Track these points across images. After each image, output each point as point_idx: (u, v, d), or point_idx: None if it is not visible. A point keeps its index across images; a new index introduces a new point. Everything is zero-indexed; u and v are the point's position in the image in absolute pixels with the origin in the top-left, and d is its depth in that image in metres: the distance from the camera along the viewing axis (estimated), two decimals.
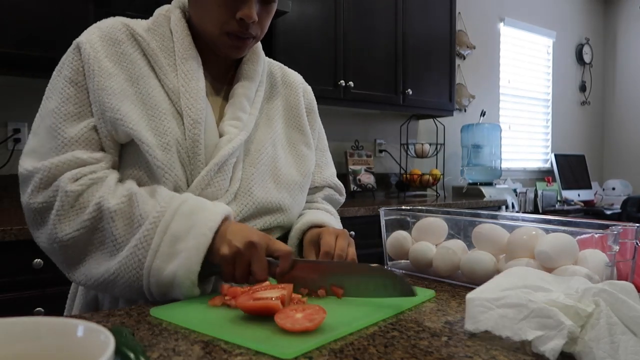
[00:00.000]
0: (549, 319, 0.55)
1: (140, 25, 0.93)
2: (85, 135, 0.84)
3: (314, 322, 0.57)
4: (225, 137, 0.90)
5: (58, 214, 0.80)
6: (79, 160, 0.82)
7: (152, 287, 0.76)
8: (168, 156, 0.84)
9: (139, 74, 0.88)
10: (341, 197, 1.18)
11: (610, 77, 5.47)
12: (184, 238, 0.76)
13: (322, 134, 1.17)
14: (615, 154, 5.39)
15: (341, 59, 2.87)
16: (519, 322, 0.57)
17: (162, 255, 0.75)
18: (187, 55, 0.91)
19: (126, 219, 0.79)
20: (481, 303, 0.62)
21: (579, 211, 4.24)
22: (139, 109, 0.85)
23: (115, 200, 0.80)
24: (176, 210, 0.78)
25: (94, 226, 0.79)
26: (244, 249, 0.76)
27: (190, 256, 0.74)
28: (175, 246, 0.76)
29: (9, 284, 1.65)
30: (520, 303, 0.58)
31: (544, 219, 0.99)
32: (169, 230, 0.76)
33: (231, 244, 0.76)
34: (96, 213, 0.79)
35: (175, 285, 0.75)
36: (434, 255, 0.94)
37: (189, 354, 0.55)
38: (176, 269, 0.74)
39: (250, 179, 0.92)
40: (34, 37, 1.92)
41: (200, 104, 0.88)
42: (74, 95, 0.85)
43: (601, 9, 5.50)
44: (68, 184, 0.80)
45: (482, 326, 0.60)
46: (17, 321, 0.39)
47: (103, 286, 0.80)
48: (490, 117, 4.28)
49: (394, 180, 3.64)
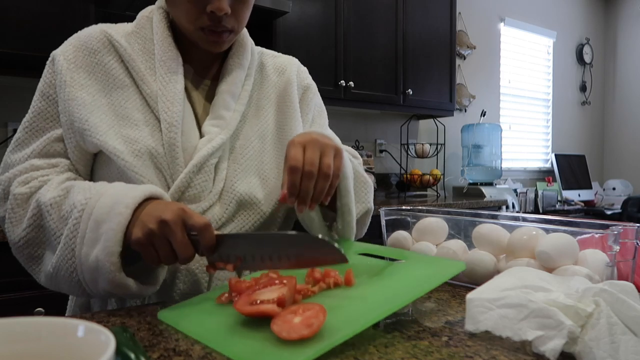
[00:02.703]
0: (549, 319, 0.55)
1: (122, 30, 0.93)
2: (47, 148, 0.86)
3: (312, 328, 0.55)
4: (205, 137, 0.89)
5: (9, 218, 0.81)
6: (33, 167, 0.84)
7: (85, 276, 0.74)
8: (140, 162, 0.83)
9: (113, 84, 0.88)
10: (355, 159, 1.02)
11: (611, 77, 5.47)
12: (105, 220, 0.72)
13: (321, 111, 1.10)
14: (616, 154, 5.39)
15: (341, 59, 2.87)
16: (519, 322, 0.57)
17: (88, 241, 0.72)
18: (166, 57, 0.90)
19: (60, 210, 0.77)
20: (481, 303, 0.62)
21: (580, 211, 4.24)
22: (110, 119, 0.86)
23: (52, 193, 0.78)
24: (102, 194, 0.75)
25: (37, 223, 0.79)
26: (157, 229, 0.69)
27: (108, 237, 0.70)
28: (99, 230, 0.72)
29: (9, 284, 1.65)
30: (521, 303, 0.58)
31: (544, 219, 0.99)
32: (93, 215, 0.73)
33: (144, 225, 0.70)
34: (37, 210, 0.79)
35: (100, 271, 0.71)
36: (435, 256, 0.94)
37: (189, 354, 0.55)
38: (98, 253, 0.71)
39: (234, 177, 0.90)
40: (35, 37, 1.92)
41: (176, 106, 0.87)
42: (44, 109, 0.88)
43: (601, 9, 5.50)
44: (17, 187, 0.81)
45: (482, 326, 0.60)
46: (17, 321, 0.39)
47: (53, 285, 0.79)
48: (491, 117, 4.28)
49: (394, 180, 3.63)
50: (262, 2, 2.31)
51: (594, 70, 5.38)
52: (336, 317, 0.60)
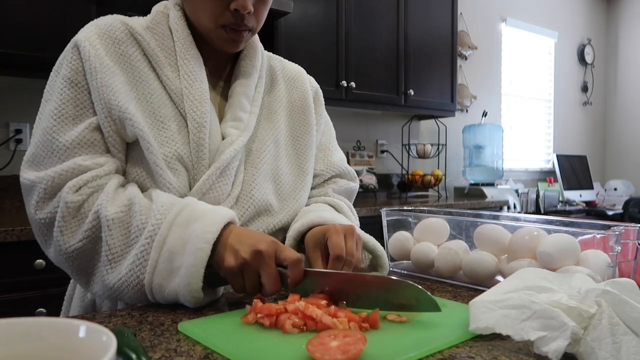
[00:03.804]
0: (552, 320, 0.54)
1: (138, 23, 0.90)
2: (86, 138, 0.80)
3: (347, 354, 0.51)
4: (227, 139, 0.88)
5: (59, 226, 0.76)
6: (81, 167, 0.78)
7: (158, 300, 0.74)
8: (169, 160, 0.82)
9: (139, 77, 0.86)
10: (354, 184, 1.11)
11: (612, 78, 5.47)
12: (181, 252, 0.71)
13: (328, 122, 1.14)
14: (617, 154, 5.38)
15: (343, 60, 2.87)
16: (521, 322, 0.57)
17: (161, 273, 0.71)
18: (189, 56, 0.89)
19: (123, 229, 0.75)
20: (483, 304, 0.62)
21: (581, 212, 4.24)
22: (141, 112, 0.83)
23: (114, 208, 0.76)
24: (173, 222, 0.73)
25: (95, 235, 0.76)
26: (251, 260, 0.70)
27: (189, 273, 0.69)
28: (173, 263, 0.71)
29: (10, 284, 1.65)
30: (523, 304, 0.58)
31: (545, 220, 0.99)
32: (166, 245, 0.72)
33: (237, 254, 0.71)
34: (96, 222, 0.76)
35: (181, 300, 0.72)
36: (436, 256, 0.94)
37: (190, 355, 0.55)
38: (177, 287, 0.70)
39: (252, 182, 0.90)
40: (35, 37, 1.92)
41: (205, 107, 0.86)
42: (73, 96, 0.82)
43: (603, 9, 5.50)
44: (69, 195, 0.76)
45: (483, 324, 0.60)
46: (18, 322, 0.39)
47: (114, 297, 0.78)
48: (492, 117, 4.27)
49: (396, 180, 3.63)
50: None
51: (595, 70, 5.37)
52: (375, 348, 0.56)
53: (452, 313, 0.69)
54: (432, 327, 0.64)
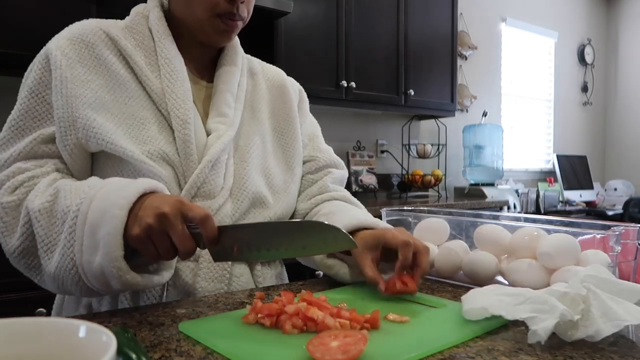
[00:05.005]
0: (544, 305, 0.59)
1: (116, 25, 0.91)
2: (33, 150, 0.81)
3: (348, 354, 0.51)
4: (214, 134, 0.89)
5: (0, 230, 0.77)
6: (20, 169, 0.80)
7: (93, 282, 0.71)
8: (153, 161, 0.82)
9: (115, 80, 0.86)
10: (345, 171, 1.12)
11: (612, 78, 5.47)
12: (100, 224, 0.68)
13: (313, 120, 1.15)
14: (617, 154, 5.38)
15: (343, 60, 2.87)
16: (514, 306, 0.61)
17: (87, 249, 0.69)
18: (170, 55, 0.89)
19: (50, 217, 0.74)
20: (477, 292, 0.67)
21: (581, 212, 4.24)
22: (117, 117, 0.83)
23: (40, 200, 0.75)
24: (94, 197, 0.71)
25: (30, 231, 0.75)
26: (155, 224, 0.66)
27: (107, 242, 0.67)
28: (96, 236, 0.69)
29: (10, 284, 1.65)
30: (519, 292, 0.63)
31: (545, 220, 0.99)
32: (88, 220, 0.69)
33: (141, 221, 0.67)
34: (27, 218, 0.75)
35: (108, 275, 0.69)
36: (436, 256, 0.94)
37: (190, 355, 0.55)
38: (101, 260, 0.68)
39: (243, 175, 0.91)
40: (35, 37, 1.92)
41: (187, 104, 0.87)
42: (32, 107, 0.84)
43: (603, 9, 5.50)
44: (4, 196, 0.77)
45: (478, 304, 0.63)
46: (18, 322, 0.39)
47: (62, 291, 0.76)
48: (492, 117, 4.27)
49: (396, 180, 3.63)
50: (264, 2, 2.31)
51: (595, 70, 5.37)
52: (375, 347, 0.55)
53: (452, 313, 0.69)
54: (432, 327, 0.64)
